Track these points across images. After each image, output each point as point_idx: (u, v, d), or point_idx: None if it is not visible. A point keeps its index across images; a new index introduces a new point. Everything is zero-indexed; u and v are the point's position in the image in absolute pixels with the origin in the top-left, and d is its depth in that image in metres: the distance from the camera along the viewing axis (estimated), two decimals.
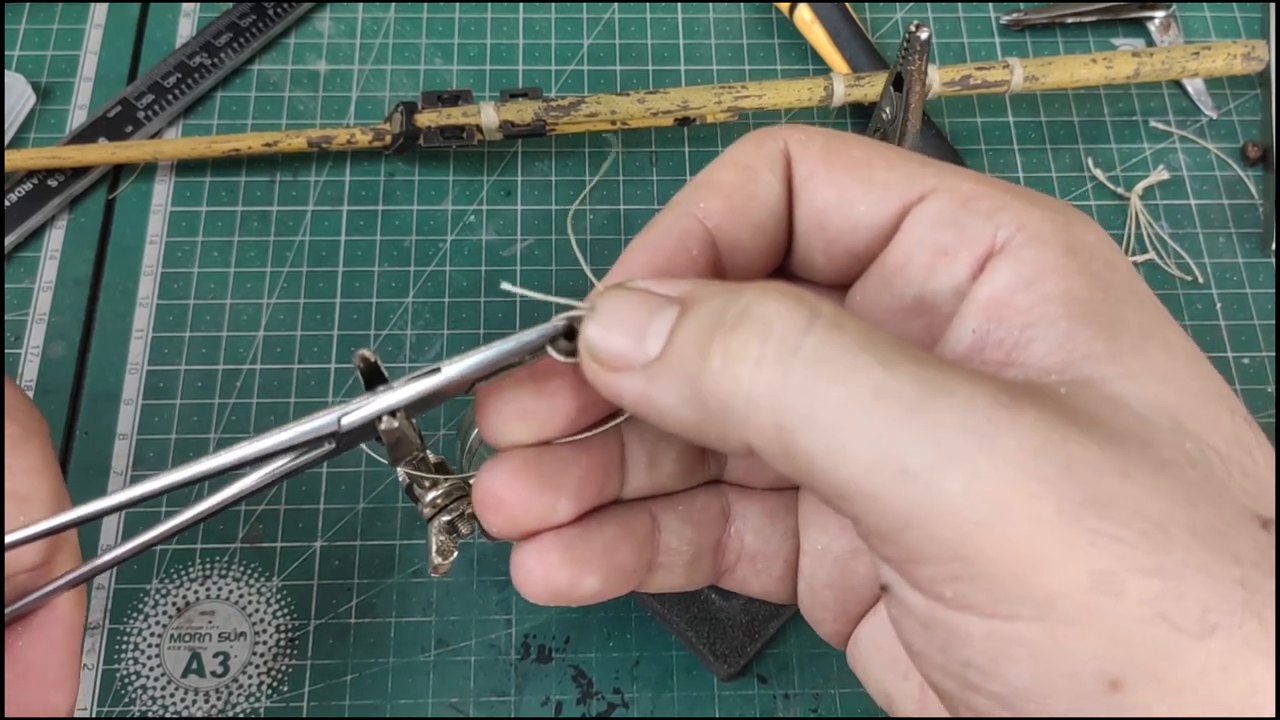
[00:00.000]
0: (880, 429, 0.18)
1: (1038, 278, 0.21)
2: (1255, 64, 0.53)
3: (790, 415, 0.19)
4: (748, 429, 0.20)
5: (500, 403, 0.24)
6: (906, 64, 0.30)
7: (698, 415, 0.21)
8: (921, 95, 0.31)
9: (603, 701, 0.42)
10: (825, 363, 0.19)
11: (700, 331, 0.20)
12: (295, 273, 0.50)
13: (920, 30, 0.29)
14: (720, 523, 0.27)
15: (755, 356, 0.19)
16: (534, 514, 0.25)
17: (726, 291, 0.21)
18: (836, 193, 0.24)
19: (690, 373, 0.20)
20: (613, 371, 0.22)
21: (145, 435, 0.46)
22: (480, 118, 0.50)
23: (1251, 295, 0.51)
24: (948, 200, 0.23)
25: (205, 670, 0.42)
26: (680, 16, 0.57)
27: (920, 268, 0.23)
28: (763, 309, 0.20)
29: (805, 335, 0.19)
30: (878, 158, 0.24)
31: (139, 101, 0.52)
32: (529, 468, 0.24)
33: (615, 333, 0.22)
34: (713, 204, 0.24)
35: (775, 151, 0.24)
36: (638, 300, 0.22)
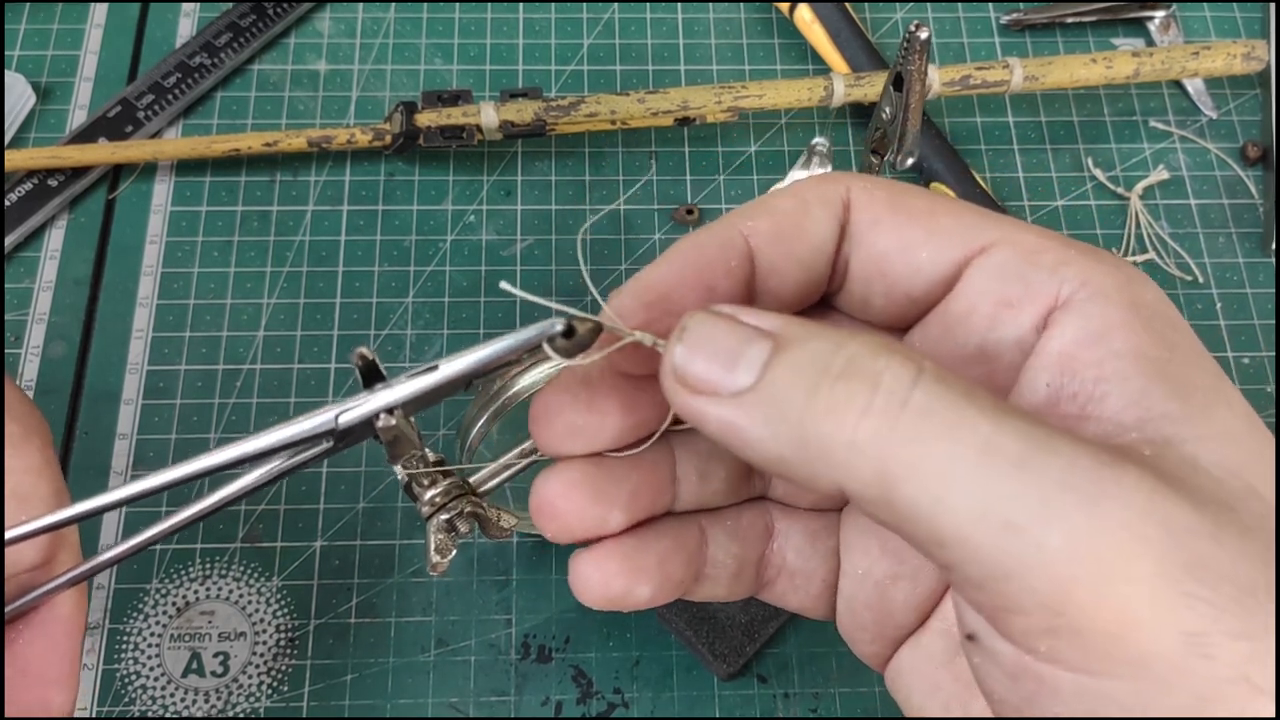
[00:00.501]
0: (986, 483, 0.19)
1: (1106, 333, 0.22)
2: (1255, 64, 0.53)
3: (895, 464, 0.20)
4: (845, 473, 0.20)
5: (551, 417, 0.25)
6: (906, 64, 0.30)
7: (791, 452, 0.21)
8: (921, 95, 0.31)
9: (603, 701, 0.42)
10: (933, 415, 0.20)
11: (804, 373, 0.21)
12: (295, 272, 0.50)
13: (920, 30, 0.29)
14: (764, 539, 0.28)
15: (863, 406, 0.20)
16: (587, 523, 0.25)
17: (826, 336, 0.21)
18: (899, 238, 0.25)
19: (791, 412, 0.21)
20: (697, 395, 0.22)
21: (145, 435, 0.46)
22: (480, 118, 0.50)
23: (1251, 295, 0.51)
24: (1011, 253, 0.23)
25: (205, 670, 0.42)
26: (680, 16, 0.57)
27: (984, 317, 0.24)
28: (870, 362, 0.20)
29: (913, 388, 0.20)
30: (941, 207, 0.25)
31: (139, 101, 0.52)
32: (584, 479, 0.25)
33: (705, 358, 0.22)
34: (760, 224, 0.25)
35: (835, 194, 0.25)
36: (729, 328, 0.22)
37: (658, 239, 0.51)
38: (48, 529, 0.27)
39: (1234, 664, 0.18)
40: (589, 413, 0.25)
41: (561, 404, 0.25)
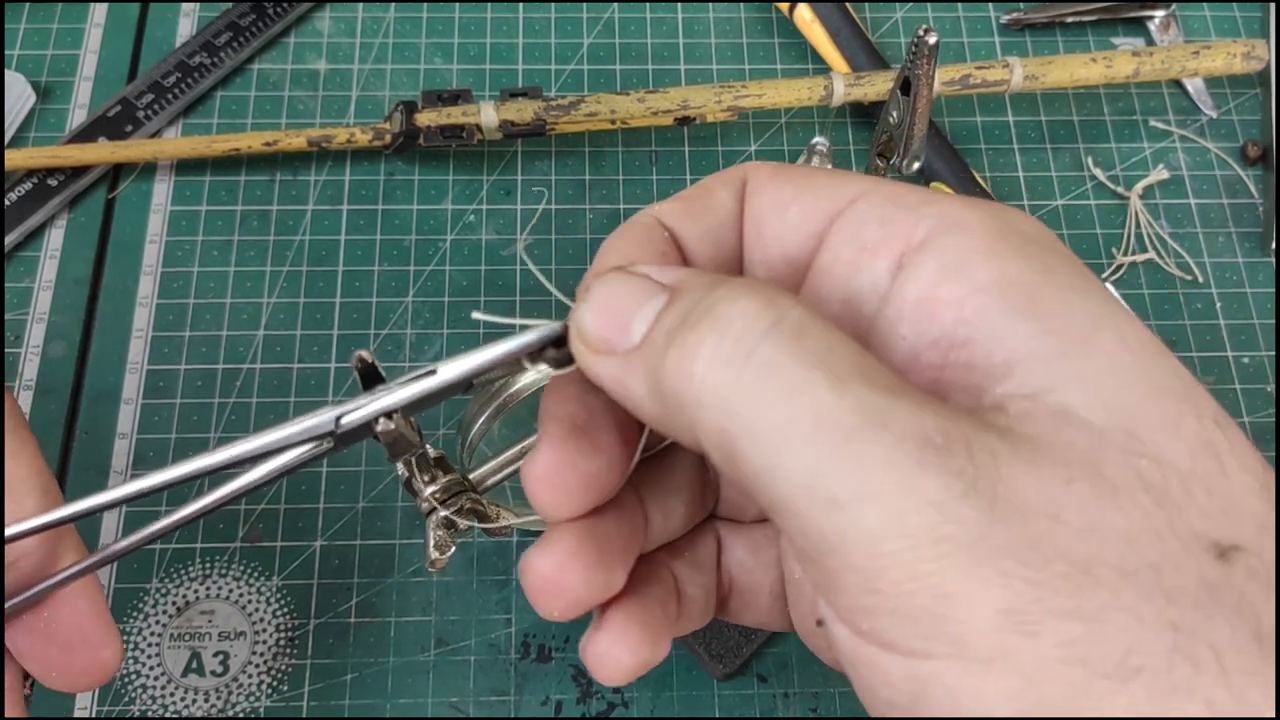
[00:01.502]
0: (815, 452, 0.18)
1: (964, 264, 0.20)
2: (1255, 63, 0.53)
3: (734, 421, 0.19)
4: (697, 428, 0.20)
5: (563, 473, 0.23)
6: (914, 68, 0.30)
7: (661, 409, 0.21)
8: (929, 100, 0.31)
9: (602, 701, 0.42)
10: (775, 373, 0.19)
11: (671, 324, 0.20)
12: (295, 272, 0.50)
13: (929, 35, 0.29)
14: (715, 563, 0.28)
15: (708, 356, 0.19)
16: (595, 591, 0.24)
17: (708, 285, 0.21)
18: (772, 197, 0.24)
19: (654, 364, 0.20)
20: (595, 354, 0.22)
21: (145, 435, 0.46)
22: (480, 117, 0.50)
23: (1251, 295, 0.51)
24: (876, 199, 0.23)
25: (205, 670, 0.42)
26: (680, 16, 0.57)
27: (844, 266, 0.23)
28: (729, 306, 0.20)
29: (762, 340, 0.19)
30: (820, 172, 0.24)
31: (139, 101, 0.52)
32: (583, 545, 0.24)
33: (603, 315, 0.22)
34: (668, 207, 0.25)
35: (735, 175, 0.25)
36: (630, 284, 0.22)
37: None
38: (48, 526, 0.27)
39: (1064, 644, 0.17)
40: (596, 456, 0.24)
41: (567, 457, 0.23)
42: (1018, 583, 0.17)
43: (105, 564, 0.28)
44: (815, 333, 0.19)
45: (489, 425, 0.37)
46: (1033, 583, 0.17)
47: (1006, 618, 0.17)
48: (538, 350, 0.23)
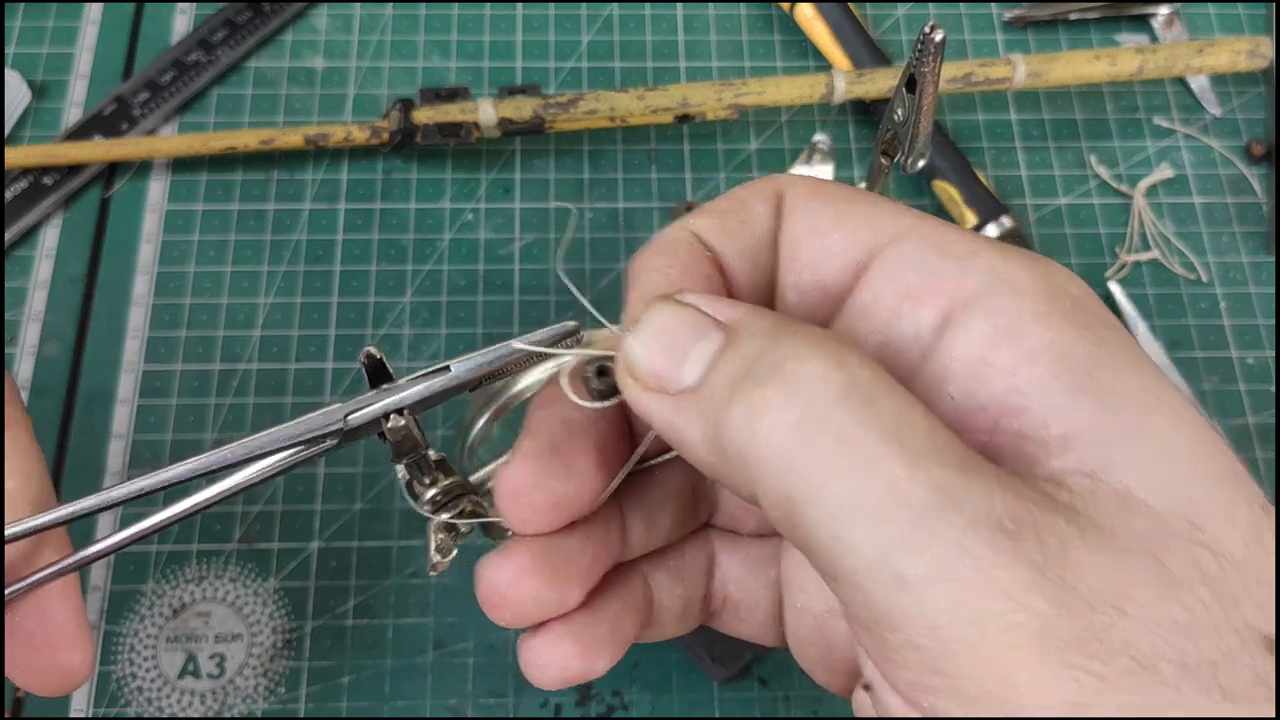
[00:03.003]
0: (885, 530, 0.18)
1: (1017, 329, 0.20)
2: (1259, 61, 0.53)
3: (801, 489, 0.19)
4: (757, 487, 0.19)
5: (530, 493, 0.23)
6: (920, 66, 0.29)
7: (717, 458, 0.20)
8: (934, 98, 0.30)
9: (602, 704, 0.42)
10: (847, 443, 0.18)
11: (735, 374, 0.20)
12: (292, 271, 0.49)
13: (935, 32, 0.28)
14: (707, 574, 0.27)
15: (777, 419, 0.19)
16: (545, 608, 0.24)
17: (773, 330, 0.20)
18: (812, 222, 0.24)
19: (716, 416, 0.20)
20: (646, 391, 0.21)
21: (141, 435, 0.46)
22: (478, 115, 0.50)
23: (1255, 294, 0.50)
24: (919, 243, 0.22)
25: (201, 672, 0.42)
26: (680, 13, 0.57)
27: (885, 311, 0.22)
28: (799, 366, 0.19)
29: (835, 407, 0.18)
30: (858, 197, 0.23)
31: (134, 99, 0.52)
32: (539, 563, 0.24)
33: (655, 350, 0.21)
34: (705, 221, 0.24)
35: (770, 188, 0.24)
36: (683, 318, 0.21)
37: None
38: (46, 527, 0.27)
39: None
40: (568, 478, 0.23)
41: (538, 476, 0.23)
42: (1084, 676, 0.17)
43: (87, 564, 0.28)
44: (886, 399, 0.19)
45: (488, 428, 0.36)
46: (1098, 677, 0.17)
47: (1072, 709, 0.17)
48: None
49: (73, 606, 0.27)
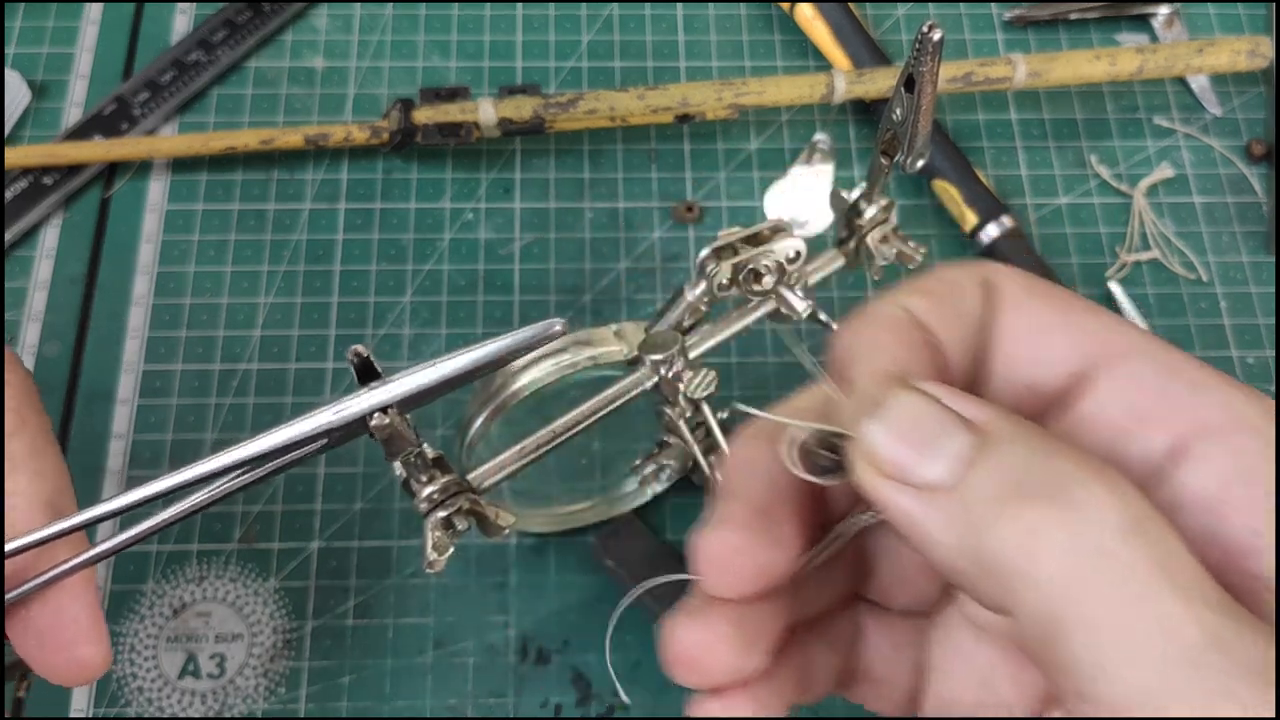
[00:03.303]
0: (1154, 667, 0.18)
1: (1256, 471, 0.20)
2: (1259, 60, 0.53)
3: (1072, 614, 0.19)
4: (1017, 604, 0.19)
5: (736, 559, 0.23)
6: (918, 65, 0.29)
7: (968, 565, 0.20)
8: (933, 97, 0.30)
9: (602, 704, 0.42)
10: (1126, 577, 0.18)
11: (1000, 482, 0.20)
12: (292, 271, 0.49)
13: (933, 31, 0.28)
14: (852, 642, 0.27)
15: (1061, 544, 0.19)
16: (731, 675, 0.24)
17: (1034, 440, 0.20)
18: (1032, 321, 0.23)
19: (977, 524, 0.20)
20: (883, 480, 0.21)
21: (141, 435, 0.46)
22: (478, 114, 0.50)
23: (1256, 294, 0.50)
24: (1148, 365, 0.22)
25: (201, 672, 0.42)
26: (680, 13, 0.57)
27: (1113, 427, 0.22)
28: (1081, 490, 0.19)
29: (1117, 539, 0.19)
30: (1078, 302, 0.23)
31: (134, 99, 0.52)
32: (736, 629, 0.23)
33: (898, 440, 0.21)
34: (918, 303, 0.23)
35: (979, 277, 0.24)
36: (929, 410, 0.21)
37: (657, 237, 0.51)
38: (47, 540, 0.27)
39: None
40: (775, 547, 0.23)
41: (746, 544, 0.23)
42: None
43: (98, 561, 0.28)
44: (1159, 533, 0.19)
45: (487, 426, 0.36)
46: None
47: None
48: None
49: (87, 602, 0.27)
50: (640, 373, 0.35)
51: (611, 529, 0.43)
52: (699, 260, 0.34)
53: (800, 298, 0.34)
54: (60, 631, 0.27)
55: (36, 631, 0.27)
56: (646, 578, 0.43)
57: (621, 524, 0.44)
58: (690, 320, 0.35)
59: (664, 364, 0.35)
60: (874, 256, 0.37)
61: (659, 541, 0.43)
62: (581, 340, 0.36)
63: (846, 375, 0.23)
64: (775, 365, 0.48)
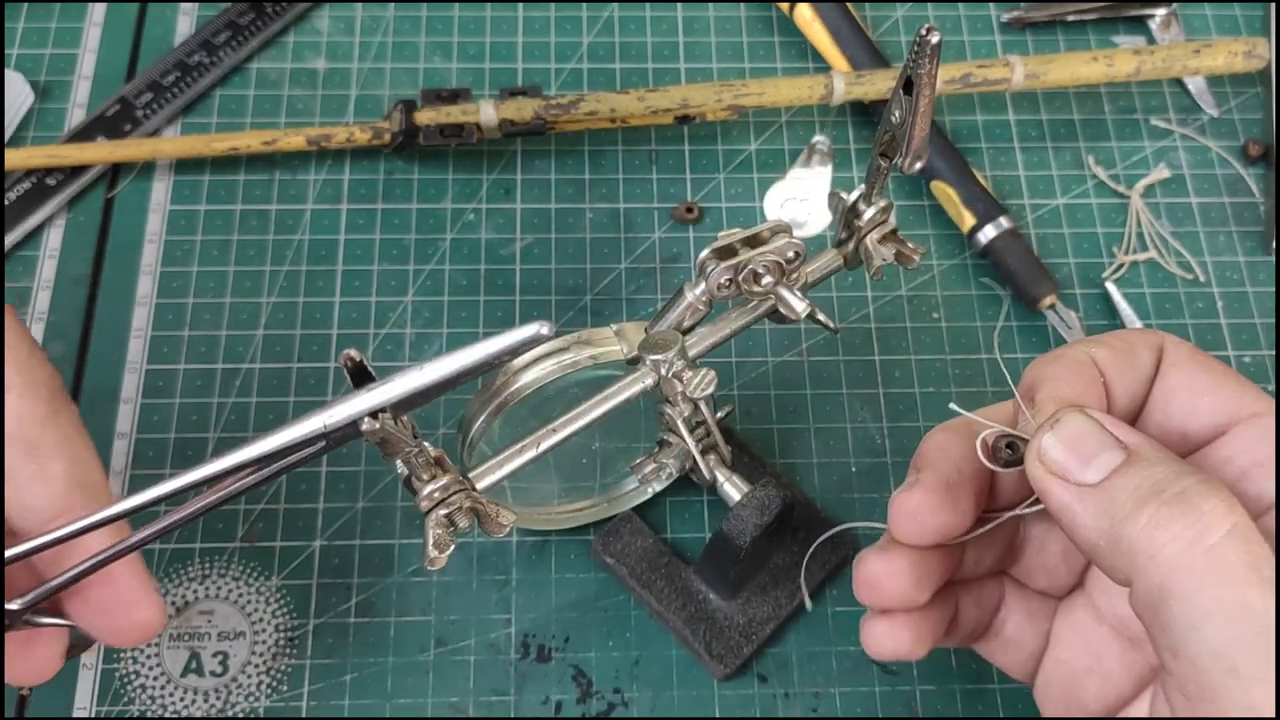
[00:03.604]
0: (1234, 632, 0.25)
1: None
2: (1256, 62, 0.53)
3: (1178, 587, 0.25)
4: (1137, 575, 0.26)
5: (924, 517, 0.31)
6: (916, 67, 0.30)
7: (1105, 544, 0.27)
8: (931, 99, 0.31)
9: (603, 701, 0.42)
10: (1223, 564, 0.25)
11: (1141, 487, 0.27)
12: (294, 271, 0.50)
13: (931, 34, 0.29)
14: (994, 607, 0.35)
15: (1177, 535, 0.25)
16: (902, 601, 0.32)
17: (1170, 462, 0.27)
18: (1190, 382, 0.31)
19: (1116, 514, 0.27)
20: (1050, 475, 0.28)
21: (144, 435, 0.46)
22: (480, 116, 0.50)
23: (1253, 294, 0.51)
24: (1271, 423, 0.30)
25: (204, 670, 0.42)
26: (680, 14, 0.57)
27: (1236, 469, 0.30)
28: (1202, 500, 0.26)
29: (1223, 537, 0.25)
30: (1230, 374, 0.31)
31: (137, 100, 0.52)
32: (910, 568, 0.32)
33: (1067, 450, 0.28)
34: (1102, 353, 0.31)
35: (1155, 340, 0.31)
36: (1093, 431, 0.28)
37: (658, 237, 0.51)
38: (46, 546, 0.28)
39: None
40: (954, 513, 0.31)
41: (932, 506, 0.31)
42: None
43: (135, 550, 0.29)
44: (1254, 542, 0.26)
45: (488, 424, 0.37)
46: None
47: None
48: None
49: (136, 570, 0.31)
50: (640, 372, 0.36)
51: (611, 527, 0.44)
52: (699, 260, 0.34)
53: (799, 298, 0.35)
54: (118, 598, 0.30)
55: (97, 602, 0.30)
56: (646, 576, 0.44)
57: (621, 522, 0.44)
58: (690, 320, 0.36)
59: (664, 363, 0.35)
60: (872, 257, 0.38)
61: (659, 539, 0.44)
62: (582, 340, 0.37)
63: (1032, 395, 0.30)
64: (775, 365, 0.48)
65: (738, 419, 0.47)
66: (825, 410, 0.48)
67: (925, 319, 0.50)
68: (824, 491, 0.46)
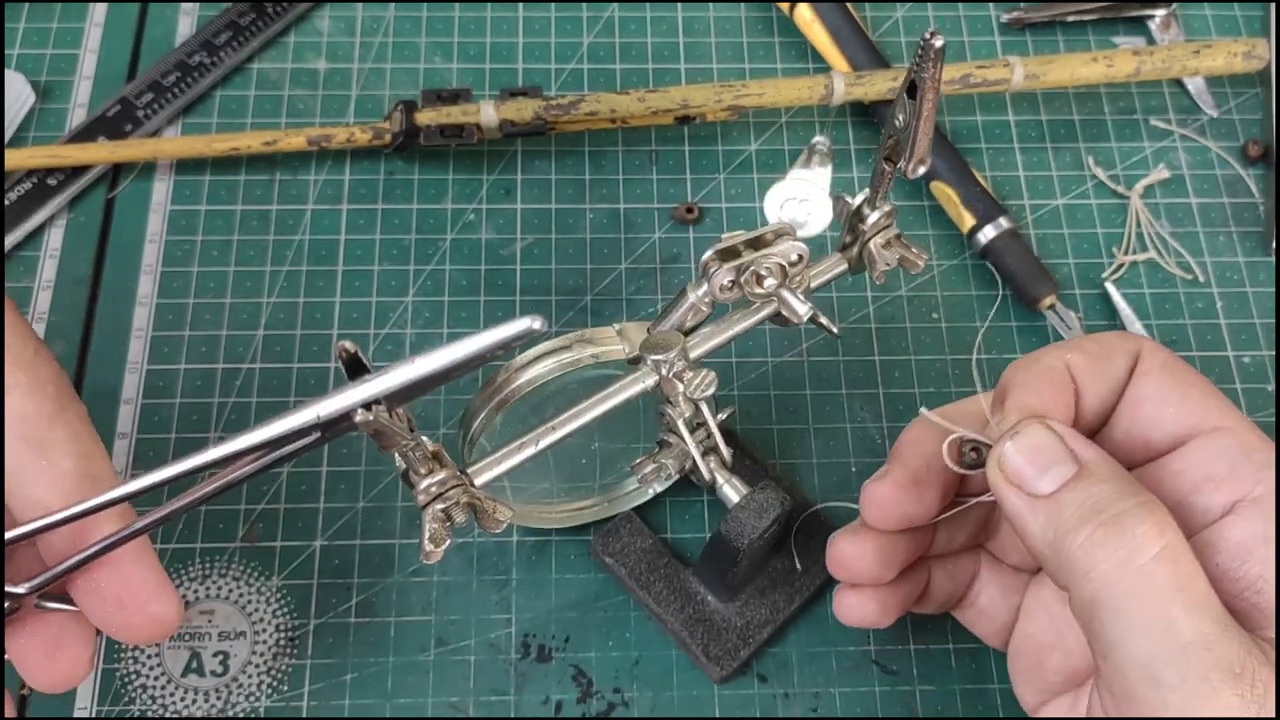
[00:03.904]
0: (1158, 647, 0.27)
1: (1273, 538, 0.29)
2: (1256, 62, 0.53)
3: (1108, 599, 0.27)
4: (1074, 587, 0.28)
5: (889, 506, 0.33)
6: (920, 72, 0.30)
7: (1049, 553, 0.29)
8: (934, 104, 0.31)
9: (603, 701, 0.42)
10: (1153, 586, 0.27)
11: (1085, 505, 0.28)
12: (295, 271, 0.50)
13: (935, 39, 0.29)
14: (969, 580, 0.38)
15: (1111, 554, 0.27)
16: (869, 578, 0.35)
17: (1117, 479, 0.29)
18: (1158, 391, 0.32)
19: (1061, 528, 0.28)
20: (1006, 483, 0.30)
21: (145, 434, 0.46)
22: (480, 116, 0.50)
23: (1252, 294, 0.51)
24: (1233, 441, 0.31)
25: (205, 670, 0.42)
26: (680, 15, 0.57)
27: (1190, 481, 0.31)
28: (1137, 524, 0.28)
29: (1151, 561, 0.27)
30: (1199, 385, 0.32)
31: (138, 100, 0.52)
32: (877, 550, 0.35)
33: (1024, 460, 0.30)
34: (1077, 358, 0.32)
35: (1130, 348, 0.33)
36: (1050, 443, 0.30)
37: (658, 238, 0.51)
38: (46, 528, 0.28)
39: None
40: (918, 504, 0.33)
41: (897, 497, 0.33)
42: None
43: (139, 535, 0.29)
44: (1184, 563, 0.27)
45: (489, 420, 0.37)
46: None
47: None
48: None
49: (149, 564, 0.31)
50: (641, 372, 0.36)
51: (611, 527, 0.44)
52: (702, 261, 0.34)
53: (802, 301, 0.35)
54: (133, 594, 0.30)
55: (113, 597, 0.30)
56: (645, 577, 0.44)
57: (621, 522, 0.44)
58: (693, 321, 0.36)
59: (665, 364, 0.35)
60: (876, 262, 0.38)
61: (658, 540, 0.44)
62: (585, 338, 0.37)
63: (1003, 399, 0.32)
64: (775, 365, 0.48)
65: (738, 419, 0.47)
66: (825, 410, 0.48)
67: (925, 319, 0.50)
68: (824, 492, 0.46)
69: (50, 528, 0.28)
